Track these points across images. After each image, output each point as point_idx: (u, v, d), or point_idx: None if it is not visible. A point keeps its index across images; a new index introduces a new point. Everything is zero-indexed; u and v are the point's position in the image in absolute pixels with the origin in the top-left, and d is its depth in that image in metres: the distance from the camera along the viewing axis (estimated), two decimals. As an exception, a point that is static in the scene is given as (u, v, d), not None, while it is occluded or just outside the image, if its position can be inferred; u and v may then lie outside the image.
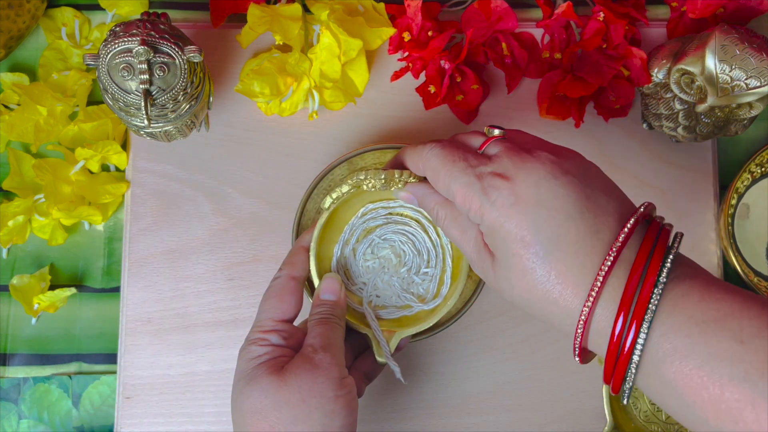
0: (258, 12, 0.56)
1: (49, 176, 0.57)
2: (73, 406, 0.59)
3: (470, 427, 0.58)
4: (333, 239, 0.54)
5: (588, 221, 0.38)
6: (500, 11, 0.59)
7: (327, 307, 0.49)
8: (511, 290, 0.40)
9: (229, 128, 0.60)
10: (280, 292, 0.49)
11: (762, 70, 0.51)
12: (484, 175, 0.40)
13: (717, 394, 0.34)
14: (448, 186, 0.42)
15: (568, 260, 0.38)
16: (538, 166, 0.39)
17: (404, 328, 0.52)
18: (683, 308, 0.35)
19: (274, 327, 0.48)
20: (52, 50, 0.60)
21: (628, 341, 0.36)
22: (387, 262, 0.54)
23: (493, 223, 0.39)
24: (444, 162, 0.42)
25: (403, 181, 0.47)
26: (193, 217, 0.59)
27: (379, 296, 0.54)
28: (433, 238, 0.54)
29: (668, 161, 0.61)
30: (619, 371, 0.37)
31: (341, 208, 0.53)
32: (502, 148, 0.41)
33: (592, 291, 0.37)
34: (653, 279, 0.36)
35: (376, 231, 0.54)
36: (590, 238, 0.38)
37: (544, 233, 0.38)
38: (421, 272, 0.54)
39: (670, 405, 0.36)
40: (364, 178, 0.47)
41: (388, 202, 0.54)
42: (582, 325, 0.37)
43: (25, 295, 0.58)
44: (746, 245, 0.59)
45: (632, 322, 0.36)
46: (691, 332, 0.35)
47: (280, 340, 0.47)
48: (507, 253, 0.39)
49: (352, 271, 0.54)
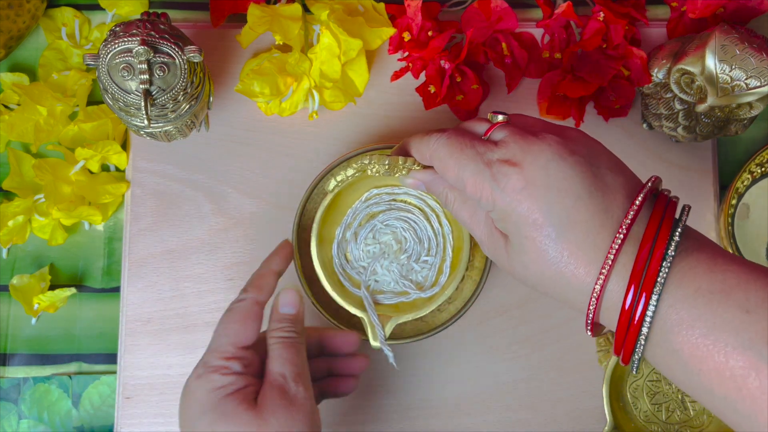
0: (258, 12, 0.56)
1: (49, 176, 0.57)
2: (73, 406, 0.59)
3: (470, 427, 0.58)
4: (335, 221, 0.54)
5: (597, 200, 0.38)
6: (500, 11, 0.59)
7: (288, 323, 0.47)
8: (525, 271, 0.41)
9: (229, 128, 0.60)
10: (244, 317, 0.47)
11: (762, 70, 0.51)
12: (493, 162, 0.41)
13: (722, 362, 0.34)
14: (458, 175, 0.42)
15: (580, 240, 0.38)
16: (544, 148, 0.40)
17: (400, 314, 0.52)
18: (691, 280, 0.36)
19: (235, 354, 0.46)
20: (52, 50, 0.60)
21: (638, 312, 0.36)
22: (388, 247, 0.55)
23: (505, 208, 0.40)
24: (452, 151, 0.42)
25: (407, 168, 0.47)
26: (193, 217, 0.59)
27: (378, 281, 0.54)
28: (435, 227, 0.55)
29: (668, 161, 0.61)
30: (629, 342, 0.37)
31: (345, 191, 0.54)
32: (507, 133, 0.42)
33: (604, 268, 0.37)
34: (662, 252, 0.37)
35: (378, 216, 0.55)
36: (600, 217, 0.38)
37: (555, 215, 0.39)
38: (420, 260, 0.55)
39: (676, 375, 0.37)
40: (368, 162, 0.47)
41: (393, 188, 0.55)
42: (595, 301, 0.38)
43: (25, 295, 0.58)
44: (746, 245, 0.59)
45: (641, 294, 0.36)
46: (698, 303, 0.35)
47: (241, 368, 0.45)
48: (519, 236, 0.40)
49: (352, 255, 0.55)
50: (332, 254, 0.55)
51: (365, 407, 0.59)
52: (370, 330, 0.51)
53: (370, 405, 0.59)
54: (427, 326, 0.55)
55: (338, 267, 0.55)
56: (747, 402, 0.34)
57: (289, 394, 0.44)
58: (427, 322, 0.56)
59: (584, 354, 0.59)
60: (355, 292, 0.54)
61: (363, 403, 0.58)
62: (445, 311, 0.56)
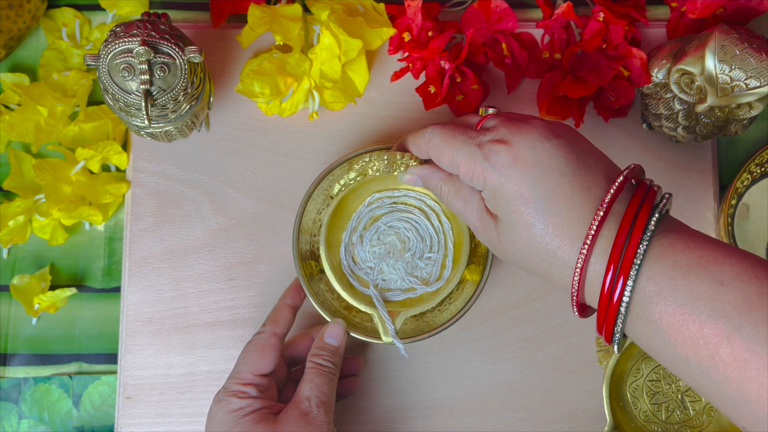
0: (258, 12, 0.56)
1: (50, 176, 0.57)
2: (73, 406, 0.59)
3: (470, 427, 0.59)
4: (341, 226, 0.57)
5: (580, 177, 0.41)
6: (500, 11, 0.59)
7: (328, 354, 0.52)
8: (514, 247, 0.43)
9: (229, 128, 0.60)
10: (262, 348, 0.52)
11: (762, 70, 0.51)
12: (484, 143, 0.44)
13: (696, 330, 0.36)
14: (452, 159, 0.45)
15: (564, 213, 0.41)
16: (532, 130, 0.43)
17: (408, 308, 0.56)
18: (669, 255, 0.38)
19: (252, 381, 0.50)
20: (52, 50, 0.60)
21: (617, 292, 0.38)
22: (392, 247, 0.57)
23: (495, 184, 0.43)
24: (445, 138, 0.46)
25: (405, 163, 0.50)
26: (194, 217, 0.59)
27: (385, 280, 0.57)
28: (435, 225, 0.58)
29: (668, 161, 0.61)
30: (609, 319, 0.39)
31: (349, 197, 0.57)
32: (498, 120, 0.45)
33: (586, 240, 0.39)
34: (640, 234, 0.38)
35: (381, 219, 0.58)
36: (583, 193, 0.41)
37: (541, 189, 0.41)
38: (424, 257, 0.57)
39: (654, 346, 0.39)
40: (369, 160, 0.51)
41: (393, 192, 0.58)
42: (578, 278, 0.40)
43: (25, 295, 0.58)
44: (746, 245, 0.59)
45: (620, 275, 0.38)
46: (675, 275, 0.37)
47: (257, 392, 0.50)
48: (509, 211, 0.42)
49: (359, 257, 0.58)
50: (340, 257, 0.57)
51: (365, 407, 0.59)
52: (381, 326, 0.54)
53: (370, 405, 0.59)
54: (428, 326, 0.55)
55: (347, 269, 0.57)
56: (719, 369, 0.35)
57: (309, 416, 0.48)
58: (427, 322, 0.56)
59: (584, 354, 0.59)
60: (365, 291, 0.57)
61: (363, 404, 0.58)
62: (445, 311, 0.56)
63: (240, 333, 0.58)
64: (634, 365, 0.59)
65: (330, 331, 0.53)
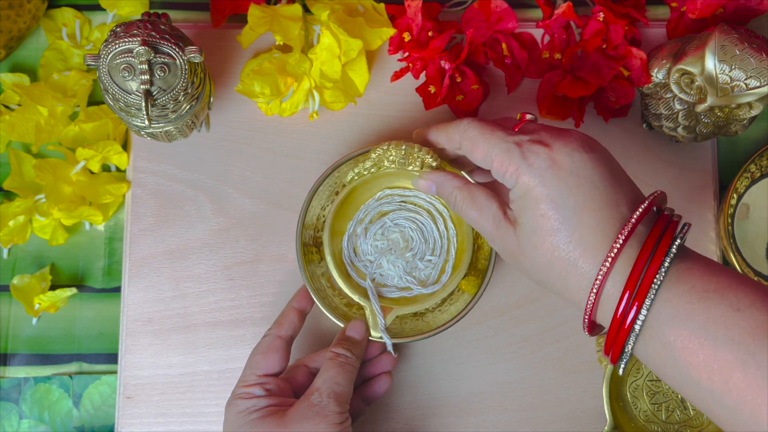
0: (258, 12, 0.56)
1: (50, 176, 0.57)
2: (73, 406, 0.59)
3: (470, 427, 0.59)
4: (348, 216, 0.57)
5: (611, 193, 0.42)
6: (500, 11, 0.59)
7: (348, 343, 0.53)
8: (534, 252, 0.43)
9: (229, 128, 0.60)
10: (265, 350, 0.52)
11: (762, 70, 0.51)
12: (524, 142, 0.44)
13: (710, 355, 0.37)
14: (487, 152, 0.45)
15: (591, 224, 0.41)
16: (572, 140, 0.43)
17: (402, 307, 0.55)
18: (687, 279, 0.39)
19: (257, 381, 0.51)
20: (52, 50, 0.60)
21: (629, 318, 0.39)
22: (395, 244, 0.57)
23: (528, 183, 0.43)
24: (483, 131, 0.46)
25: (421, 158, 0.50)
26: (194, 217, 0.59)
27: (383, 275, 0.57)
28: (440, 229, 0.58)
29: (668, 161, 0.61)
30: (620, 339, 0.40)
31: (359, 189, 0.57)
32: (537, 126, 0.46)
33: (609, 254, 0.40)
34: (663, 254, 0.39)
35: (389, 215, 0.58)
36: (611, 209, 0.41)
37: (573, 197, 0.41)
38: (425, 259, 0.57)
39: (665, 369, 0.39)
40: (386, 148, 0.51)
41: (404, 190, 0.58)
42: (597, 286, 0.40)
43: (25, 295, 0.58)
44: (746, 245, 0.59)
45: (634, 302, 0.39)
46: (692, 299, 0.38)
47: (263, 392, 0.50)
48: (535, 214, 0.42)
49: (361, 248, 0.58)
50: (342, 246, 0.57)
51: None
52: (371, 318, 0.54)
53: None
54: (428, 326, 0.55)
55: (347, 258, 0.58)
56: (733, 394, 0.36)
57: (319, 406, 0.48)
58: (427, 322, 0.56)
59: (584, 354, 0.59)
60: (361, 283, 0.57)
61: (363, 403, 0.58)
62: (446, 312, 0.56)
63: (240, 333, 0.58)
64: (634, 365, 0.59)
65: (352, 326, 0.54)
